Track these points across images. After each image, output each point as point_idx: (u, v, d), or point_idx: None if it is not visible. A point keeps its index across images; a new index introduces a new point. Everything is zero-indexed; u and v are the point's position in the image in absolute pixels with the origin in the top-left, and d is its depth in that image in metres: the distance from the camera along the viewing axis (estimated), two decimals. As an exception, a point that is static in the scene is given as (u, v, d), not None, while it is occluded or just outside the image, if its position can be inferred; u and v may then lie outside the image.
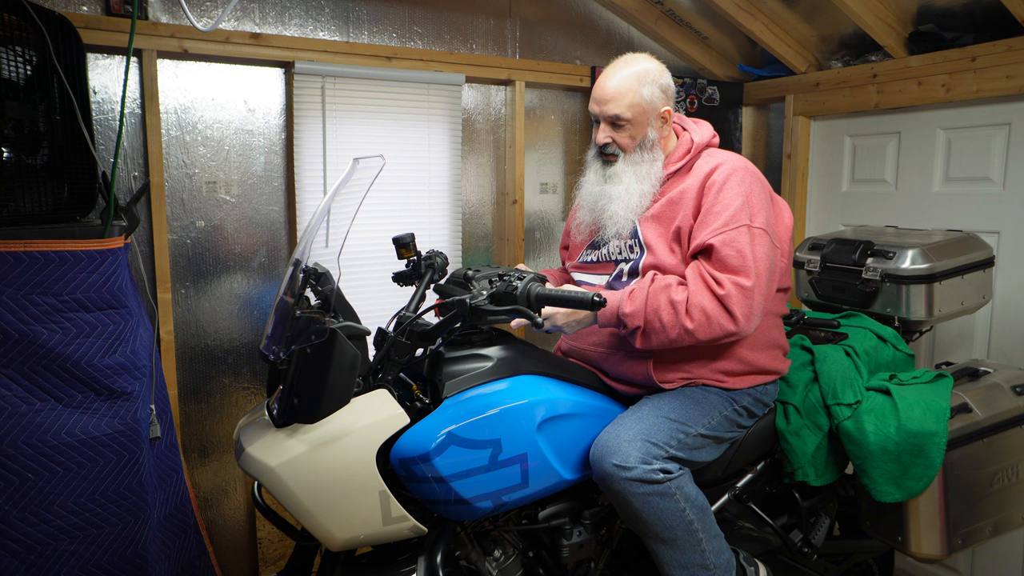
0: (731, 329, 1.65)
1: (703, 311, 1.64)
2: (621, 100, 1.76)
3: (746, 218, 1.68)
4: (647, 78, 1.77)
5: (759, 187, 1.75)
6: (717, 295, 1.64)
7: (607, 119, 1.80)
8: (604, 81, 1.79)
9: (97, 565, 1.86)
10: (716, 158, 1.80)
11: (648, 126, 1.80)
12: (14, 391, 1.77)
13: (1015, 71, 2.33)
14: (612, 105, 1.77)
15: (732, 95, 3.29)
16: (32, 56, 1.80)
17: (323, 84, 2.47)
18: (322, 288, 1.63)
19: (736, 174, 1.73)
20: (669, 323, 1.66)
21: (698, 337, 1.66)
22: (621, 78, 1.77)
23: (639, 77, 1.77)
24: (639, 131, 1.80)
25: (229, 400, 2.54)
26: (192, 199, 2.40)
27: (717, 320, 1.64)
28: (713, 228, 1.68)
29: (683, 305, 1.65)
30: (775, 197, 1.84)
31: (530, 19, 2.94)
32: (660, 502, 1.60)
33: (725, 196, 1.70)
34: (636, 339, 1.71)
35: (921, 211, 2.73)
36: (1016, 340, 2.48)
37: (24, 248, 1.74)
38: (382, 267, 2.53)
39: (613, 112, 1.77)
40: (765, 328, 1.82)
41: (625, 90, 1.76)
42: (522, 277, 1.51)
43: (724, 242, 1.66)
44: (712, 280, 1.65)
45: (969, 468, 1.84)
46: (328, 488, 1.45)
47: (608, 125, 1.81)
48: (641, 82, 1.77)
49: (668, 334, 1.67)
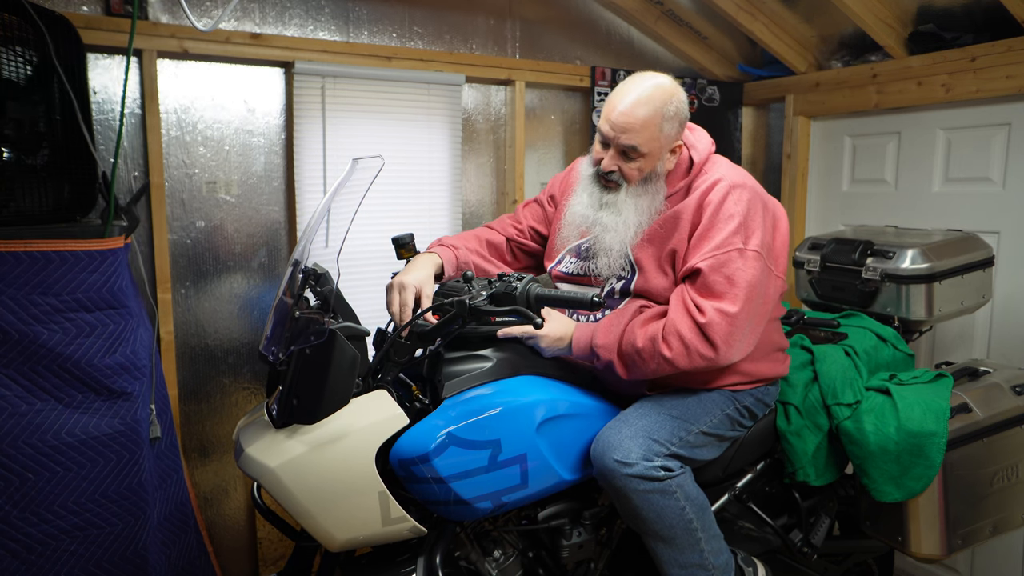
0: (710, 356, 1.60)
1: (680, 339, 1.60)
2: (641, 132, 1.64)
3: (740, 241, 1.62)
4: (670, 110, 1.65)
5: (757, 205, 1.67)
6: (698, 323, 1.59)
7: (619, 147, 1.68)
8: (624, 101, 1.64)
9: (97, 565, 1.86)
10: (714, 174, 1.71)
11: (660, 160, 1.71)
12: (14, 391, 1.77)
13: (1015, 71, 2.33)
14: (630, 136, 1.64)
15: (732, 95, 3.28)
16: (32, 56, 1.80)
17: (323, 84, 2.47)
18: (321, 288, 1.63)
19: (733, 192, 1.66)
20: (647, 353, 1.63)
21: (678, 365, 1.62)
22: (645, 108, 1.63)
23: (662, 109, 1.64)
24: (649, 165, 1.70)
25: (229, 400, 2.54)
26: (192, 199, 2.40)
27: (695, 348, 1.60)
28: (704, 252, 1.63)
29: (659, 335, 1.62)
30: (771, 207, 1.74)
31: (530, 19, 2.94)
32: (660, 500, 1.60)
33: (721, 217, 1.64)
34: (617, 369, 1.69)
35: (921, 211, 2.73)
36: (1016, 340, 2.48)
37: (24, 248, 1.74)
38: (382, 267, 2.52)
39: (629, 143, 1.65)
40: (764, 335, 1.78)
41: (647, 122, 1.63)
42: (521, 278, 1.52)
43: (712, 267, 1.61)
44: (694, 307, 1.61)
45: (969, 468, 1.84)
46: (327, 489, 1.45)
47: (618, 153, 1.69)
48: (664, 116, 1.64)
49: (648, 364, 1.64)
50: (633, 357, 1.66)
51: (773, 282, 1.69)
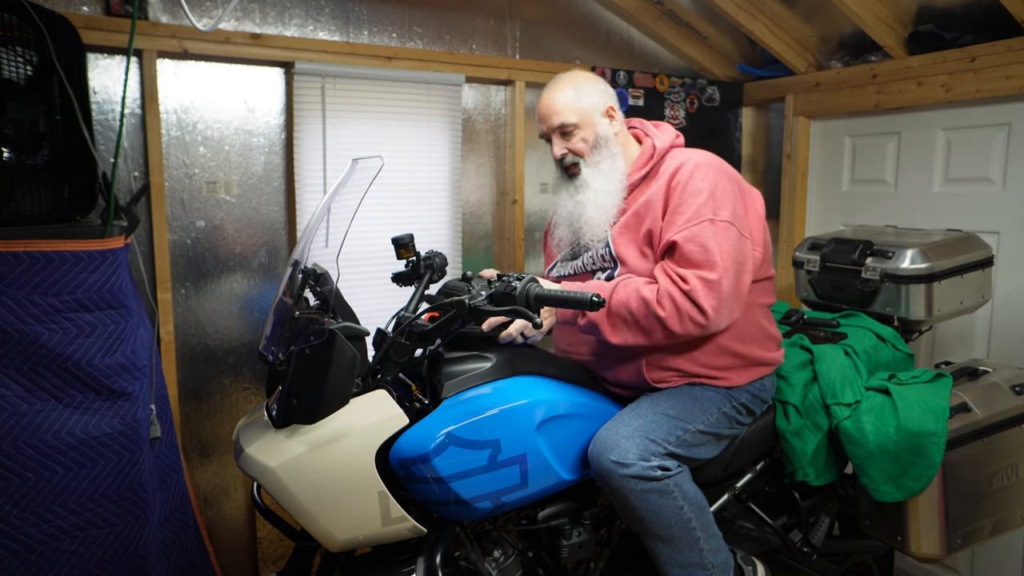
0: (701, 321, 1.64)
1: (672, 302, 1.64)
2: (564, 110, 1.81)
3: (710, 212, 1.67)
4: (581, 84, 1.83)
5: (724, 180, 1.74)
6: (683, 290, 1.64)
7: (555, 131, 1.83)
8: (543, 99, 1.85)
9: (97, 565, 1.86)
10: (679, 158, 1.79)
11: (596, 124, 1.83)
12: (14, 391, 1.77)
13: (1015, 71, 2.33)
14: (555, 116, 1.82)
15: (732, 95, 3.29)
16: (32, 56, 1.80)
17: (323, 84, 2.47)
18: (321, 288, 1.63)
19: (700, 169, 1.73)
20: (639, 312, 1.66)
21: (670, 327, 1.65)
22: (557, 89, 1.83)
23: (573, 84, 1.83)
24: (589, 131, 1.83)
25: (229, 400, 2.54)
26: (192, 199, 2.40)
27: (686, 311, 1.63)
28: (677, 226, 1.68)
29: (653, 295, 1.65)
30: (745, 187, 1.83)
31: (530, 19, 2.94)
32: (658, 499, 1.60)
33: (689, 192, 1.70)
34: (605, 330, 1.70)
35: (921, 211, 2.73)
36: (1016, 340, 2.48)
37: (24, 248, 1.74)
38: (381, 267, 2.52)
39: (558, 122, 1.81)
40: (752, 319, 1.81)
41: (564, 98, 1.81)
42: (521, 278, 1.52)
43: (687, 238, 1.66)
44: (677, 277, 1.65)
45: (969, 468, 1.84)
46: (327, 489, 1.45)
47: (559, 137, 1.84)
48: (576, 87, 1.83)
49: (640, 324, 1.67)
50: (625, 317, 1.68)
51: (750, 251, 1.75)
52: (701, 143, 2.73)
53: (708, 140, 3.23)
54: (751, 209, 1.81)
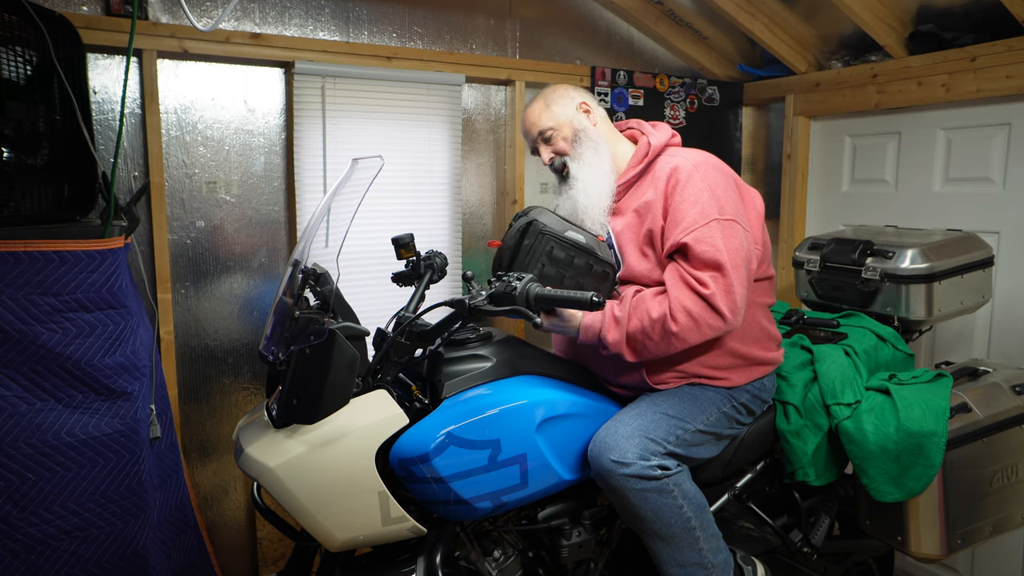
0: (720, 326, 1.65)
1: (688, 314, 1.63)
2: (540, 119, 1.90)
3: (715, 212, 1.68)
4: (548, 92, 1.95)
5: (722, 179, 1.75)
6: (702, 295, 1.63)
7: (539, 139, 1.91)
8: (524, 115, 1.97)
9: (97, 565, 1.86)
10: (676, 158, 1.80)
11: (572, 120, 1.89)
12: (14, 391, 1.77)
13: (1015, 71, 2.33)
14: (534, 128, 1.92)
15: (732, 95, 3.28)
16: (32, 56, 1.80)
17: (323, 84, 2.47)
18: (321, 288, 1.63)
19: (698, 169, 1.73)
20: (657, 333, 1.66)
21: (688, 340, 1.65)
22: (531, 106, 1.95)
23: (543, 96, 1.94)
24: (566, 129, 1.89)
25: (229, 400, 2.54)
26: (192, 199, 2.40)
27: (704, 320, 1.64)
28: (684, 226, 1.68)
29: (666, 315, 1.65)
30: (742, 186, 1.84)
31: (530, 19, 2.94)
32: (658, 499, 1.60)
33: (690, 192, 1.70)
34: (626, 356, 1.71)
35: (921, 211, 2.73)
36: (1016, 340, 2.48)
37: (24, 248, 1.74)
38: (381, 267, 2.52)
39: (536, 131, 1.91)
40: (752, 319, 1.82)
41: (537, 109, 1.93)
42: (520, 277, 1.51)
43: (697, 239, 1.66)
44: (694, 280, 1.65)
45: (969, 468, 1.84)
46: (327, 489, 1.45)
47: (544, 144, 1.91)
48: (545, 98, 1.94)
49: (658, 344, 1.67)
50: (643, 341, 1.68)
51: (752, 245, 1.77)
52: (701, 143, 2.74)
53: (708, 140, 3.23)
54: (750, 207, 1.82)
